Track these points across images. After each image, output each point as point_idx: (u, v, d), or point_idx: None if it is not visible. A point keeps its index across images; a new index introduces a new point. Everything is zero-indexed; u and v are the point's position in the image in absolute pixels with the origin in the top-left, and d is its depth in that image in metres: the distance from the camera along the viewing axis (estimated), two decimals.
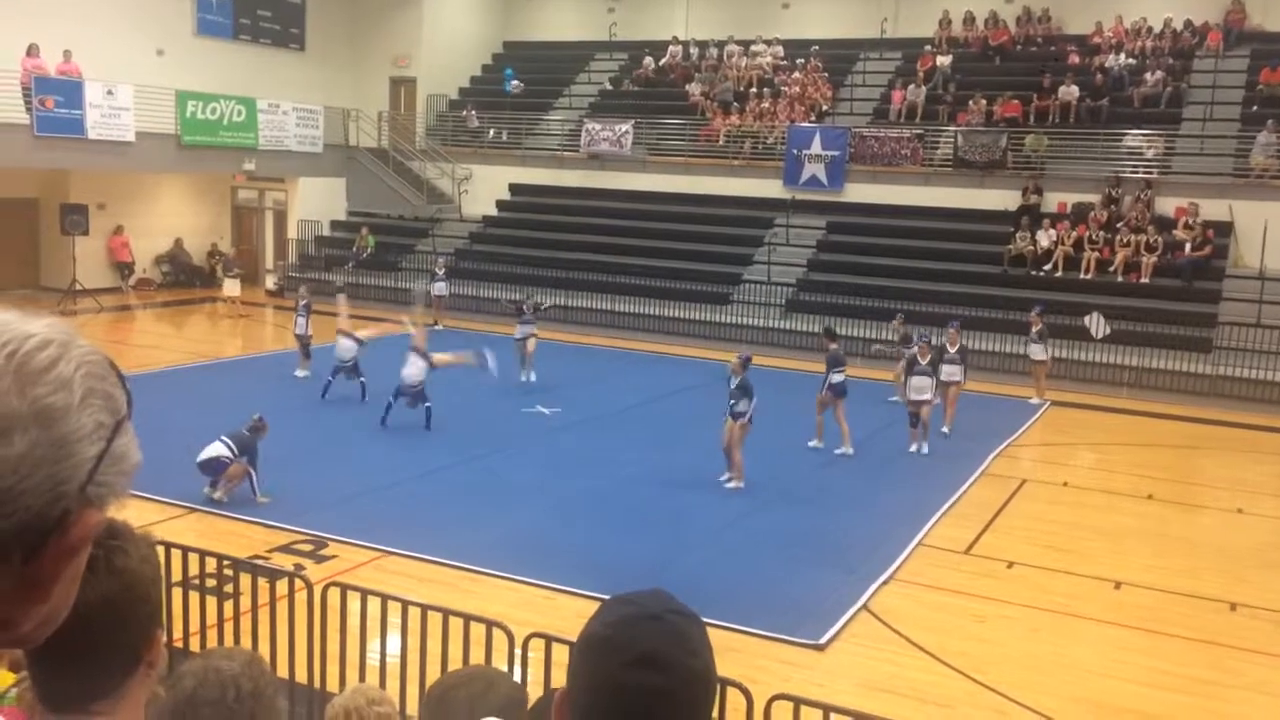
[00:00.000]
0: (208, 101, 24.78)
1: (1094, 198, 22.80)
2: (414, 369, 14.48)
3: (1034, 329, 18.05)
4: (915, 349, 14.94)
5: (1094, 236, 21.83)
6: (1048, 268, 21.88)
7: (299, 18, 29.17)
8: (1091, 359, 19.50)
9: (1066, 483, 13.64)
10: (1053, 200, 23.21)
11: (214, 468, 11.18)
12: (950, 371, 15.34)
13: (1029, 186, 23.24)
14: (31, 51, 21.83)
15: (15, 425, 0.81)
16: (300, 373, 17.53)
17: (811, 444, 14.45)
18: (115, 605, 1.38)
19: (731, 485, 12.54)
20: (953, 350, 15.58)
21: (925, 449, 14.50)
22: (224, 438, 11.33)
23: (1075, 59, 25.42)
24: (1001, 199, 23.45)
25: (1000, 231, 22.84)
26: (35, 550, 0.83)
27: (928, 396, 14.55)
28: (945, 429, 15.37)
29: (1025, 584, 10.11)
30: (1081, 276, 21.52)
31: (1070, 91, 24.29)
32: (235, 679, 2.18)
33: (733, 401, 12.50)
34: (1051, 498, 13.03)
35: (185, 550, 6.98)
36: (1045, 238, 22.18)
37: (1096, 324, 19.61)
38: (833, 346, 14.77)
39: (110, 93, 22.55)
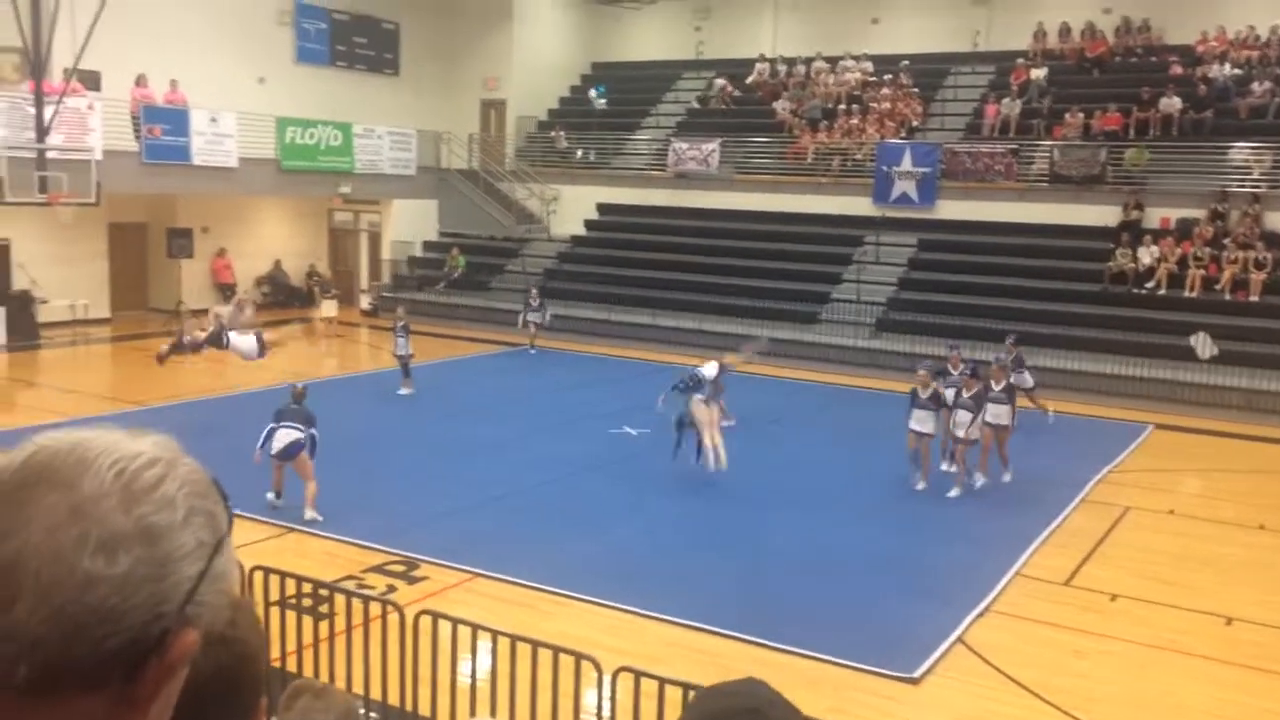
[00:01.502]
0: (306, 127, 25.49)
1: (1199, 213, 22.06)
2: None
3: (1009, 358, 16.14)
4: (989, 374, 13.88)
5: (1199, 253, 21.10)
6: (1150, 285, 21.22)
7: (393, 44, 29.86)
8: (1197, 380, 18.80)
9: (1173, 511, 13.15)
10: (1155, 216, 22.51)
11: (293, 450, 11.48)
12: (996, 413, 13.40)
13: (1130, 202, 22.59)
14: (140, 81, 22.71)
15: (120, 544, 0.82)
16: (404, 390, 17.93)
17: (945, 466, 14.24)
18: (226, 675, 1.39)
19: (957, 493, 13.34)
20: (997, 388, 13.58)
21: (956, 492, 13.30)
22: (287, 423, 11.59)
23: (1177, 70, 24.65)
24: (1101, 215, 22.82)
25: (1100, 248, 22.23)
26: (135, 670, 0.83)
27: (961, 434, 13.21)
28: (1006, 477, 13.68)
29: (1129, 618, 9.75)
30: (1186, 294, 20.80)
31: (1172, 103, 23.56)
32: None
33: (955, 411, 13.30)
34: (1157, 526, 12.57)
35: (283, 575, 7.14)
36: (1147, 254, 21.52)
37: (1202, 344, 18.94)
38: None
39: (214, 120, 23.35)
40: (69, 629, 0.79)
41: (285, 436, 11.45)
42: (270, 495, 11.62)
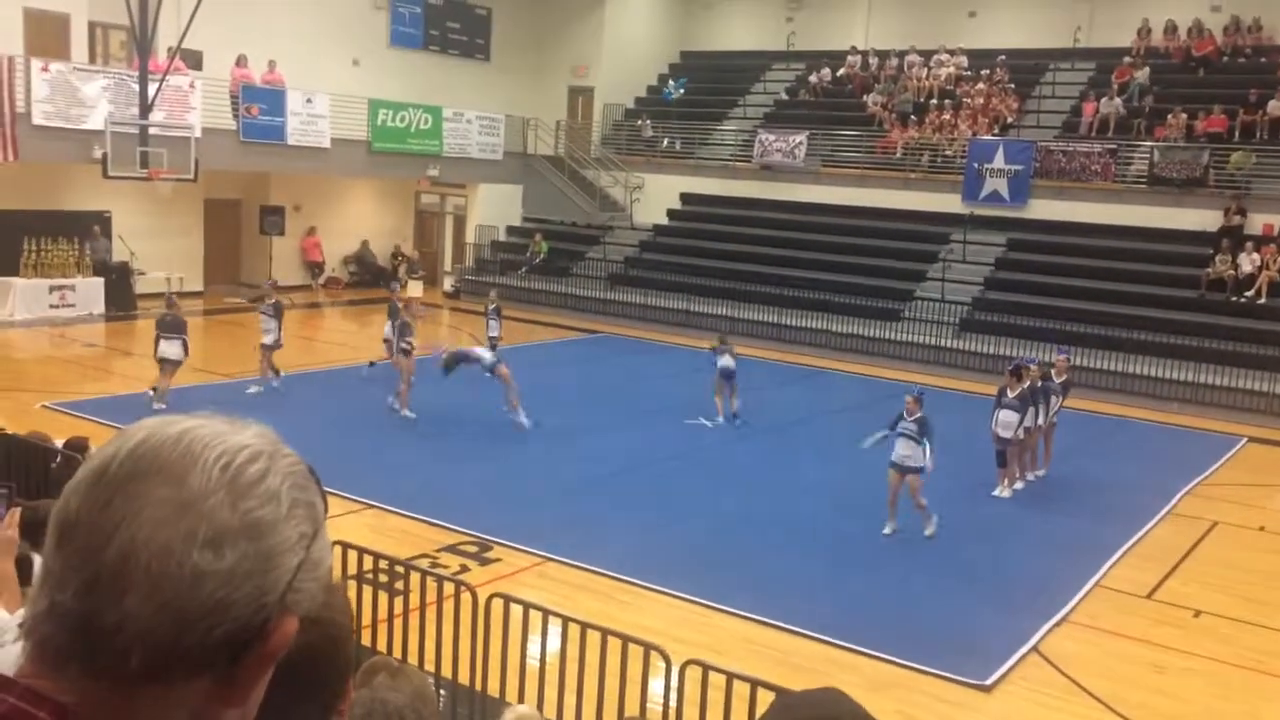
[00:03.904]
0: (397, 110, 25.88)
1: None
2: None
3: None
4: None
5: None
6: (1250, 293, 20.50)
7: (485, 29, 30.15)
8: None
9: (1263, 527, 12.71)
10: (1258, 222, 21.71)
11: (175, 364, 14.28)
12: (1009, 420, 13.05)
13: (1232, 207, 21.83)
14: (240, 62, 23.29)
15: (227, 539, 0.85)
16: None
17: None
18: (315, 655, 1.41)
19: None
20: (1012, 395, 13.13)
21: (1006, 493, 13.17)
22: (167, 335, 14.25)
23: None
24: (1200, 219, 22.11)
25: (1198, 254, 21.53)
26: (237, 655, 0.86)
27: (1010, 435, 12.89)
28: (999, 490, 13.24)
29: (1213, 635, 9.46)
30: None
31: None
32: (400, 712, 2.24)
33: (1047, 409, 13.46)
34: (1246, 543, 12.16)
35: (360, 551, 7.29)
36: (1248, 261, 20.79)
37: None
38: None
39: (309, 101, 23.83)
40: (178, 621, 0.82)
41: (171, 352, 14.00)
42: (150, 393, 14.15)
